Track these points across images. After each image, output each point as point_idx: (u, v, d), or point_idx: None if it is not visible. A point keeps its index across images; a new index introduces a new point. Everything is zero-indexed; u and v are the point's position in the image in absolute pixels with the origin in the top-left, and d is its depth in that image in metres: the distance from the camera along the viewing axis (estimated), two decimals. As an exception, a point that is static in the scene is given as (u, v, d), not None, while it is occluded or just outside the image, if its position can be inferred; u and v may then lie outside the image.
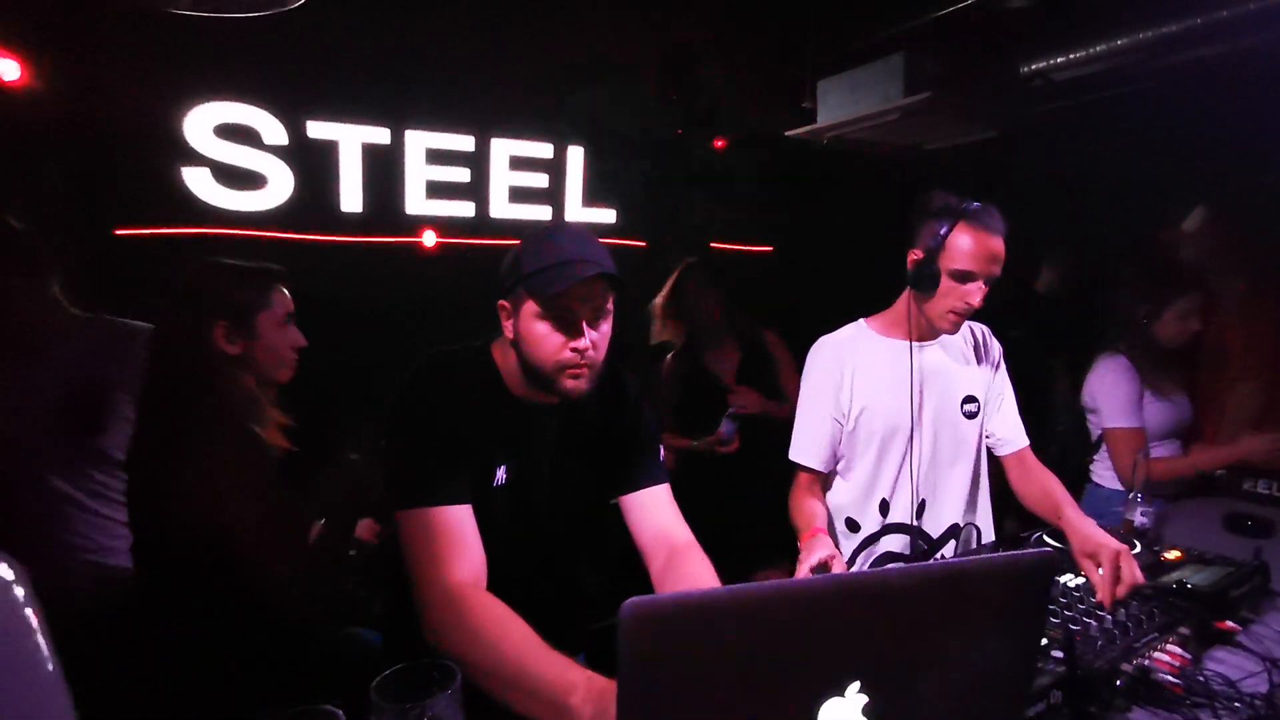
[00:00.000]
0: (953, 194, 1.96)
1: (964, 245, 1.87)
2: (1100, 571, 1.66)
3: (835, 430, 2.13)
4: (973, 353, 2.18)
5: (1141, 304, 2.81)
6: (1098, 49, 3.33)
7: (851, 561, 2.04)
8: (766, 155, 4.90)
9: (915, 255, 1.96)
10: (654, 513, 1.67)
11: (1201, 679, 1.46)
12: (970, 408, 2.12)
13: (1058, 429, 3.50)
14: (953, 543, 2.06)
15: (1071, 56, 3.41)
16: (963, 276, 1.89)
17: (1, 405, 1.81)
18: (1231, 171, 3.37)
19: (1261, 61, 3.05)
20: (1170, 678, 1.42)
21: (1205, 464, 2.77)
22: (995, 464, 2.24)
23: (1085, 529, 1.79)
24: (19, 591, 0.59)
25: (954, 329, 2.00)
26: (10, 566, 0.59)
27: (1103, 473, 2.96)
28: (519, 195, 4.32)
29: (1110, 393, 2.81)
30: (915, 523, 2.05)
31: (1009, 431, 2.19)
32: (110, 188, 3.19)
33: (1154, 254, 3.42)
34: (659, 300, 3.52)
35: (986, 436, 2.19)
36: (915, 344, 2.06)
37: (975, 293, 1.89)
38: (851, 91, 3.67)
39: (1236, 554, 1.89)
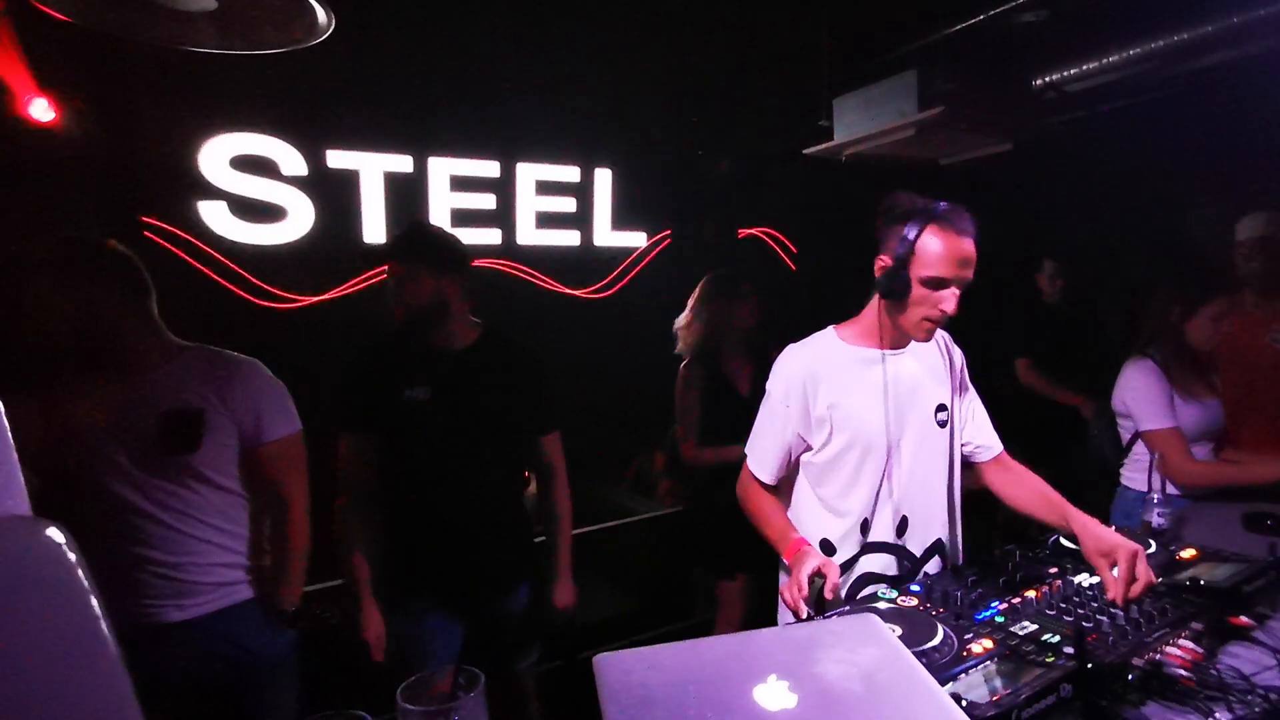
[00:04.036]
0: (917, 196, 1.88)
1: (934, 250, 1.78)
2: (1115, 571, 1.66)
3: (796, 444, 2.03)
4: (939, 360, 2.10)
5: (1175, 305, 2.81)
6: (1110, 59, 3.37)
7: None
8: (786, 173, 4.96)
9: (883, 262, 1.87)
10: None
11: (1215, 673, 1.47)
12: (941, 416, 2.03)
13: (1090, 434, 3.50)
14: (936, 559, 2.03)
15: (1084, 68, 3.45)
16: (935, 284, 1.80)
17: (92, 420, 1.97)
18: (1248, 176, 3.37)
19: (1275, 65, 3.06)
20: (1183, 671, 1.44)
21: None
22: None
23: (1097, 530, 1.77)
24: (71, 555, 0.63)
25: (928, 337, 1.93)
26: (60, 530, 0.64)
27: (1133, 475, 2.96)
28: (546, 221, 4.37)
29: (1141, 396, 2.82)
30: (897, 541, 1.99)
31: (985, 437, 2.13)
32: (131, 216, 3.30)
33: (1191, 256, 3.43)
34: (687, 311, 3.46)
35: (963, 445, 2.12)
36: (889, 351, 1.99)
37: (949, 299, 1.82)
38: (867, 108, 3.73)
39: (1255, 553, 1.90)
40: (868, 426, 1.95)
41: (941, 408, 2.04)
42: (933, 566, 2.02)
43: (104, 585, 1.93)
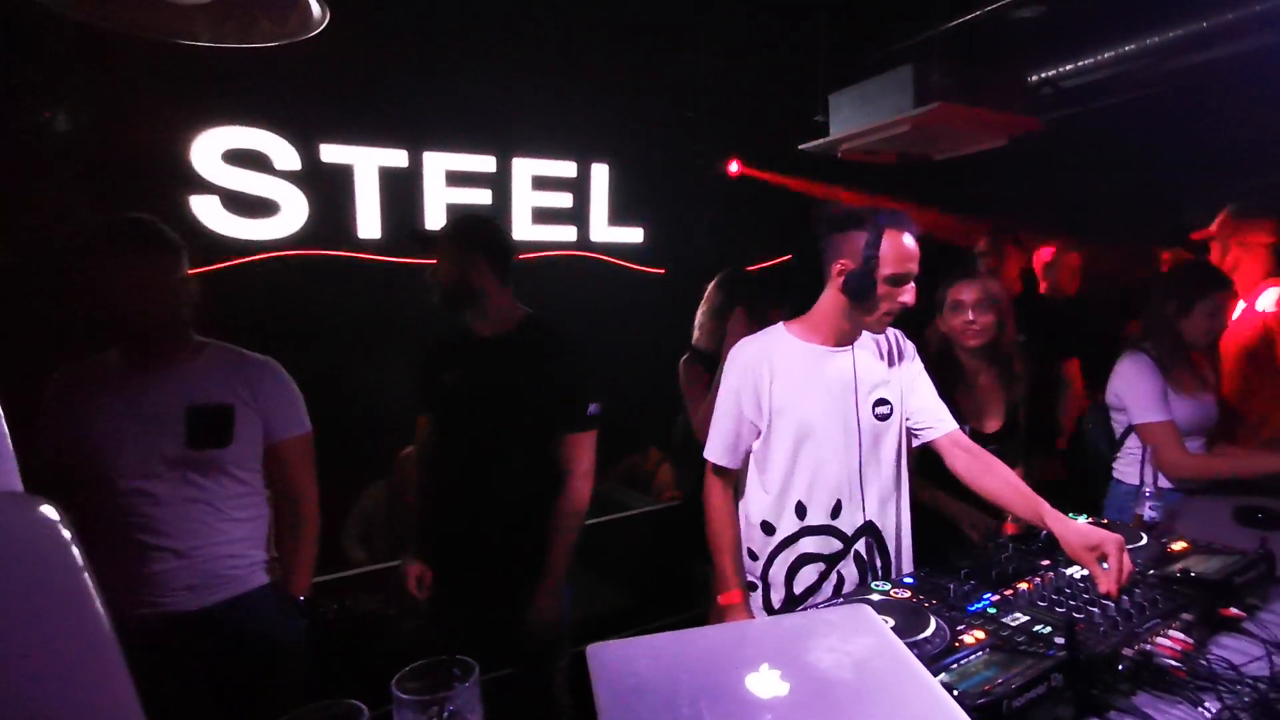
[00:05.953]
0: (850, 206, 2.08)
1: (894, 251, 1.97)
2: (1105, 565, 1.69)
3: (749, 431, 2.18)
4: (885, 356, 2.22)
5: (1172, 299, 2.82)
6: (1105, 56, 3.38)
7: (769, 563, 2.14)
8: (781, 169, 4.95)
9: (844, 265, 2.02)
10: None
11: (1204, 663, 1.48)
12: (882, 410, 2.15)
13: (1085, 428, 3.51)
14: (866, 539, 2.14)
15: (1079, 64, 3.46)
16: (897, 280, 1.98)
17: (114, 407, 1.98)
18: (1242, 172, 3.38)
19: (1268, 62, 3.07)
20: (1173, 662, 1.45)
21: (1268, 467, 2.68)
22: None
23: (1076, 525, 1.80)
24: (65, 532, 0.62)
25: (884, 329, 2.13)
26: (53, 508, 0.63)
27: (1125, 469, 2.97)
28: (543, 216, 4.35)
29: (1135, 389, 2.82)
30: (830, 522, 2.11)
31: (930, 415, 2.20)
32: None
33: (1187, 251, 3.43)
34: (703, 309, 3.36)
35: (908, 421, 2.21)
36: (835, 349, 2.14)
37: (909, 293, 2.00)
38: (862, 104, 3.73)
39: (1246, 546, 1.90)
40: (809, 416, 2.10)
41: (882, 402, 2.16)
42: (862, 546, 2.14)
43: (123, 575, 1.93)
